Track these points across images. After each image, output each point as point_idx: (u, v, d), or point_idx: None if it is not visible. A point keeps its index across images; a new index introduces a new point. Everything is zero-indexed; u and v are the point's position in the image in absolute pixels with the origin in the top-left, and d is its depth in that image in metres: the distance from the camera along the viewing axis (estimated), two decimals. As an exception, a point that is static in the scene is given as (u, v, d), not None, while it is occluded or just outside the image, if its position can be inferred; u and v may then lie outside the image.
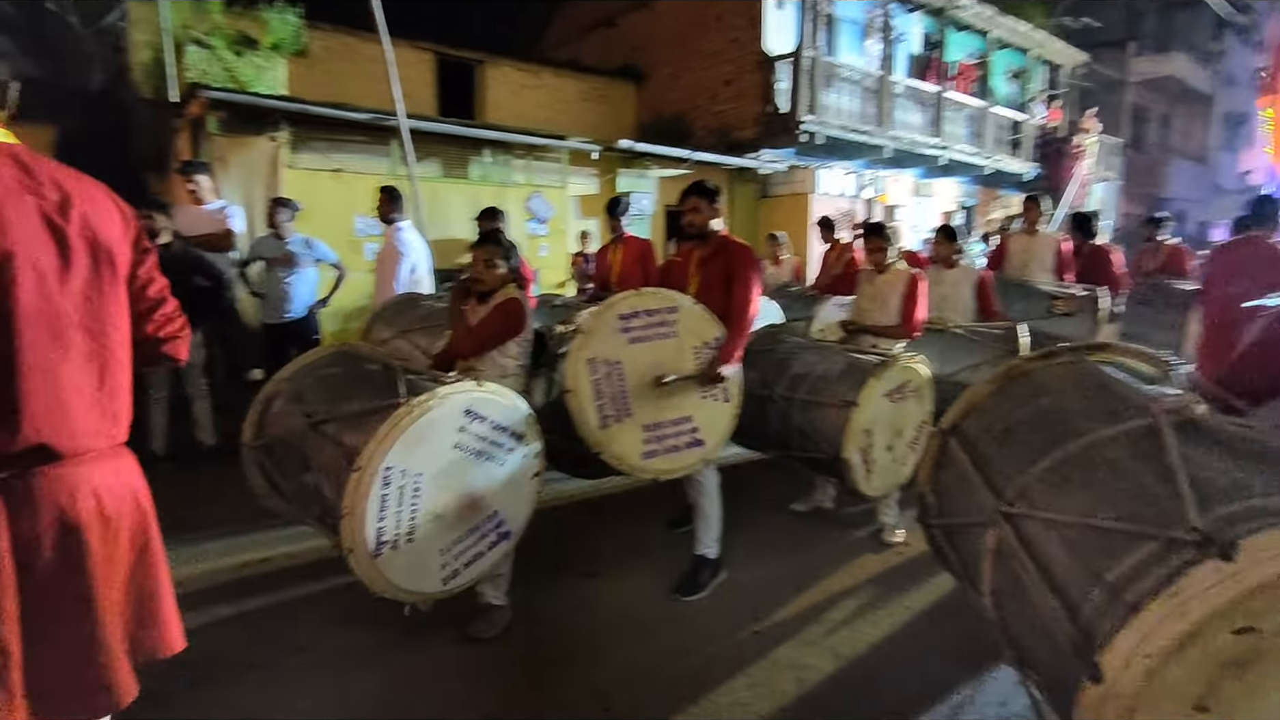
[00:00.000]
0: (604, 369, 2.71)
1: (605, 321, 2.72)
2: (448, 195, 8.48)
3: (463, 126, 8.76)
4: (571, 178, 9.94)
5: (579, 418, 2.66)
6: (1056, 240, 5.75)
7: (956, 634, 2.66)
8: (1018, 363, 1.87)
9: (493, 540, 2.51)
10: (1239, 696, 1.08)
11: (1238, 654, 1.06)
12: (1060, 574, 1.34)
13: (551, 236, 9.71)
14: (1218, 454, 1.33)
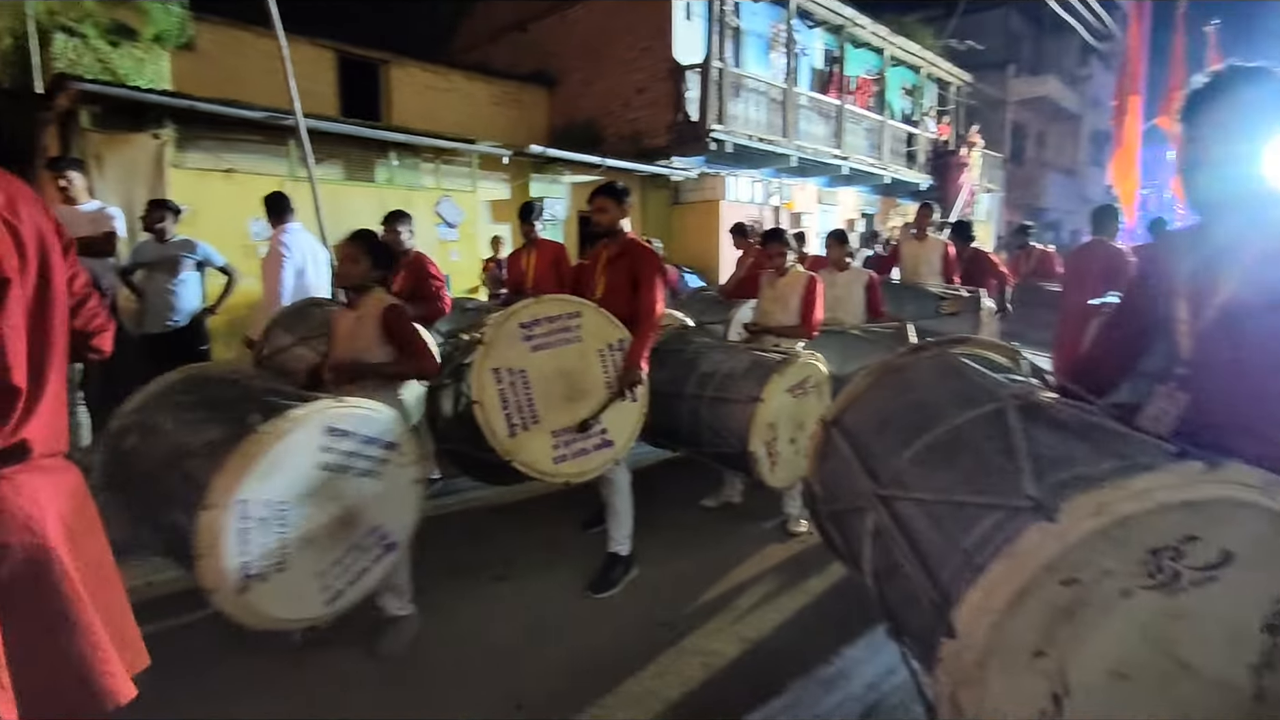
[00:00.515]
0: (509, 378, 2.73)
1: (506, 331, 2.73)
2: (351, 199, 8.20)
3: (367, 128, 8.50)
4: (482, 182, 9.82)
5: (487, 427, 2.67)
6: (944, 245, 6.19)
7: (853, 613, 2.82)
8: (891, 358, 2.01)
9: (377, 554, 2.43)
10: (1069, 640, 1.22)
11: (1065, 603, 1.20)
12: (927, 547, 1.46)
13: (462, 241, 9.56)
14: (1053, 432, 1.49)
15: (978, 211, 17.80)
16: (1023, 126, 23.08)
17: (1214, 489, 1.19)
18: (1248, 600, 1.26)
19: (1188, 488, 1.18)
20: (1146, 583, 1.20)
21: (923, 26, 18.11)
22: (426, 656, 2.59)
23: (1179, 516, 1.19)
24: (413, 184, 9.09)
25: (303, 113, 5.54)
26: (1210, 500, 1.19)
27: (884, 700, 2.32)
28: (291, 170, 7.80)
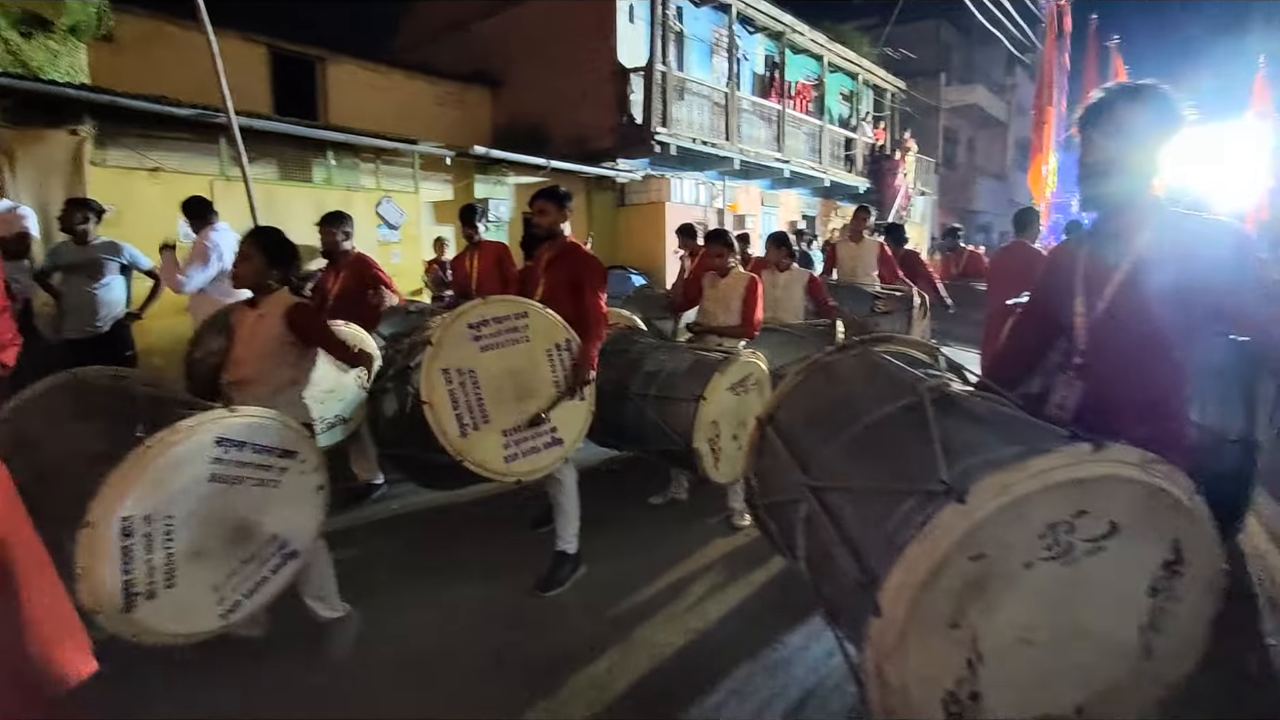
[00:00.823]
0: (458, 378, 2.73)
1: (455, 331, 2.74)
2: (288, 199, 7.97)
3: (304, 127, 8.27)
4: (425, 183, 9.69)
5: (438, 428, 2.66)
6: (879, 246, 6.43)
7: (794, 601, 2.92)
8: (818, 356, 2.12)
9: (277, 563, 2.38)
10: (980, 610, 1.32)
11: (975, 577, 1.31)
12: (853, 532, 1.55)
13: (405, 243, 9.40)
14: (965, 421, 1.61)
15: (913, 214, 18.50)
16: (954, 132, 24.07)
17: (1100, 468, 1.31)
18: (1134, 567, 1.39)
19: (1078, 467, 1.30)
20: (1045, 555, 1.31)
21: (859, 35, 18.70)
22: (373, 658, 2.58)
23: (1071, 493, 1.31)
24: (352, 184, 8.89)
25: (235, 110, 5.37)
26: (1097, 478, 1.31)
27: (823, 683, 2.42)
28: (223, 169, 7.54)
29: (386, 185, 9.23)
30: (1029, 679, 1.37)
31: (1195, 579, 1.43)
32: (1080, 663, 1.40)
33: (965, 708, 1.34)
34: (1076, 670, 1.40)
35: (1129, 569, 1.39)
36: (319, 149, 8.47)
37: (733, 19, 13.09)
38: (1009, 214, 5.64)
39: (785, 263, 4.75)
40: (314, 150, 8.44)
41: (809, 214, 16.84)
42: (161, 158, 7.12)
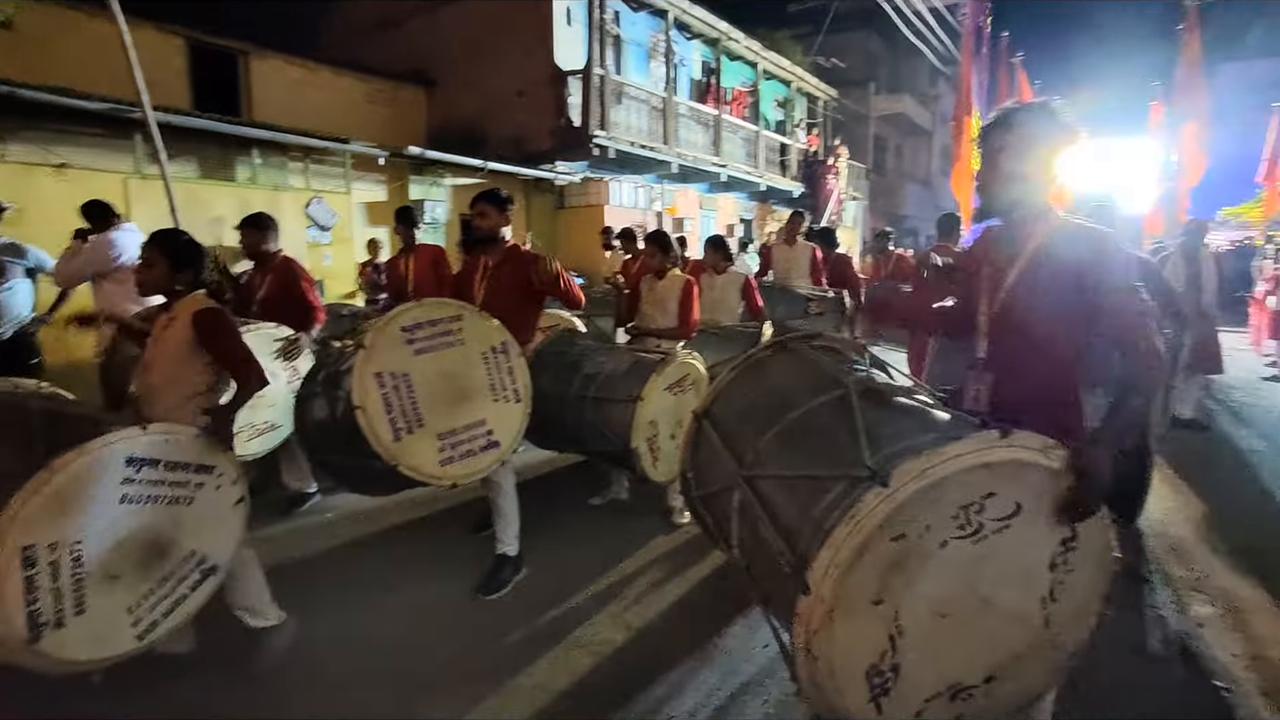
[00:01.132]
0: (392, 381, 2.69)
1: (388, 335, 2.70)
2: (210, 198, 7.65)
3: (227, 123, 7.93)
4: (357, 183, 9.44)
5: (371, 433, 2.61)
6: (812, 249, 6.63)
7: (733, 595, 3.00)
8: (754, 352, 2.21)
9: (196, 580, 2.30)
10: (900, 587, 1.42)
11: (896, 556, 1.39)
12: (784, 518, 1.63)
13: (337, 245, 9.14)
14: (888, 412, 1.71)
15: (845, 218, 19.11)
16: (883, 140, 25.01)
17: (1006, 453, 1.42)
18: (1036, 543, 1.51)
19: (987, 452, 1.41)
20: (958, 534, 1.41)
21: (792, 43, 19.23)
22: (313, 664, 2.52)
23: (981, 477, 1.41)
24: (280, 184, 8.59)
25: (150, 104, 5.12)
26: (1003, 462, 1.42)
27: (762, 671, 2.50)
28: (137, 167, 7.17)
29: (317, 185, 8.95)
30: (944, 650, 1.47)
31: (1088, 554, 1.56)
32: (990, 633, 1.51)
33: (887, 679, 1.42)
34: (986, 640, 1.51)
35: (1032, 546, 1.51)
36: (243, 147, 8.15)
37: (669, 24, 13.26)
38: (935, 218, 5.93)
39: (723, 265, 4.85)
40: (238, 148, 8.12)
41: (746, 217, 17.18)
42: (69, 154, 6.71)
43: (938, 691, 1.49)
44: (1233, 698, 2.33)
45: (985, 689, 1.53)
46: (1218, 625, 2.79)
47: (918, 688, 1.47)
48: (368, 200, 9.69)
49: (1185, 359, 5.13)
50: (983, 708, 1.53)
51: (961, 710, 1.51)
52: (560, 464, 4.76)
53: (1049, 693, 1.74)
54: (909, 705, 1.47)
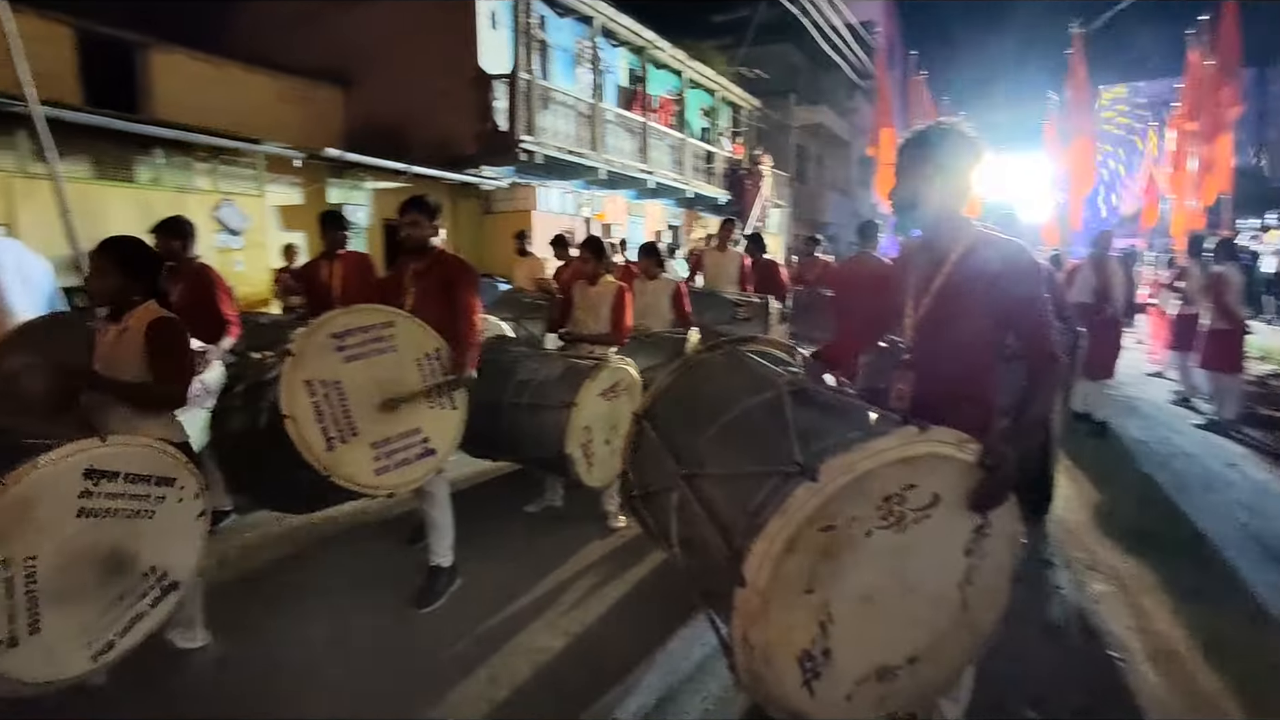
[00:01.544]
0: (323, 390, 2.60)
1: (316, 342, 2.61)
2: (107, 200, 7.16)
3: (125, 120, 7.43)
4: (271, 186, 9.03)
5: (302, 443, 2.51)
6: (740, 256, 6.81)
7: (670, 595, 3.05)
8: (691, 355, 2.27)
9: (156, 596, 2.21)
10: (830, 576, 1.49)
11: (826, 546, 1.47)
12: (721, 514, 1.68)
13: (249, 250, 8.72)
14: (818, 411, 1.79)
15: (770, 225, 19.67)
16: (805, 149, 25.88)
17: (925, 447, 1.51)
18: (953, 531, 1.62)
19: (907, 447, 1.50)
20: (882, 524, 1.50)
21: (717, 53, 19.66)
22: (242, 687, 2.42)
23: (902, 470, 1.50)
24: (185, 185, 8.12)
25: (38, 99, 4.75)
26: (922, 455, 1.51)
27: (699, 668, 2.55)
28: (21, 165, 6.63)
29: (226, 187, 8.51)
30: (871, 634, 1.55)
31: (999, 539, 1.68)
32: (912, 616, 1.60)
33: (819, 664, 1.49)
34: (909, 623, 1.60)
35: (949, 533, 1.61)
36: (144, 146, 7.67)
37: (596, 31, 13.33)
38: (853, 225, 6.20)
39: (654, 271, 4.92)
40: (138, 147, 7.63)
41: (673, 224, 17.43)
42: (-59, 150, 6.15)
43: (865, 674, 1.58)
44: (1124, 664, 2.55)
45: (909, 669, 1.62)
46: (1111, 600, 3.04)
47: (847, 671, 1.55)
48: (282, 203, 9.28)
49: (1081, 360, 5.55)
50: (907, 687, 1.63)
51: (888, 690, 1.60)
52: (493, 473, 4.70)
53: (968, 669, 1.86)
54: (839, 688, 1.54)
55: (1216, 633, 2.74)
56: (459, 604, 3.03)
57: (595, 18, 13.19)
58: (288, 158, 8.91)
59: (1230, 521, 3.95)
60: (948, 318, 1.81)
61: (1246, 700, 2.32)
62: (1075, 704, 2.33)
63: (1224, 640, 2.69)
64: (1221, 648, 2.63)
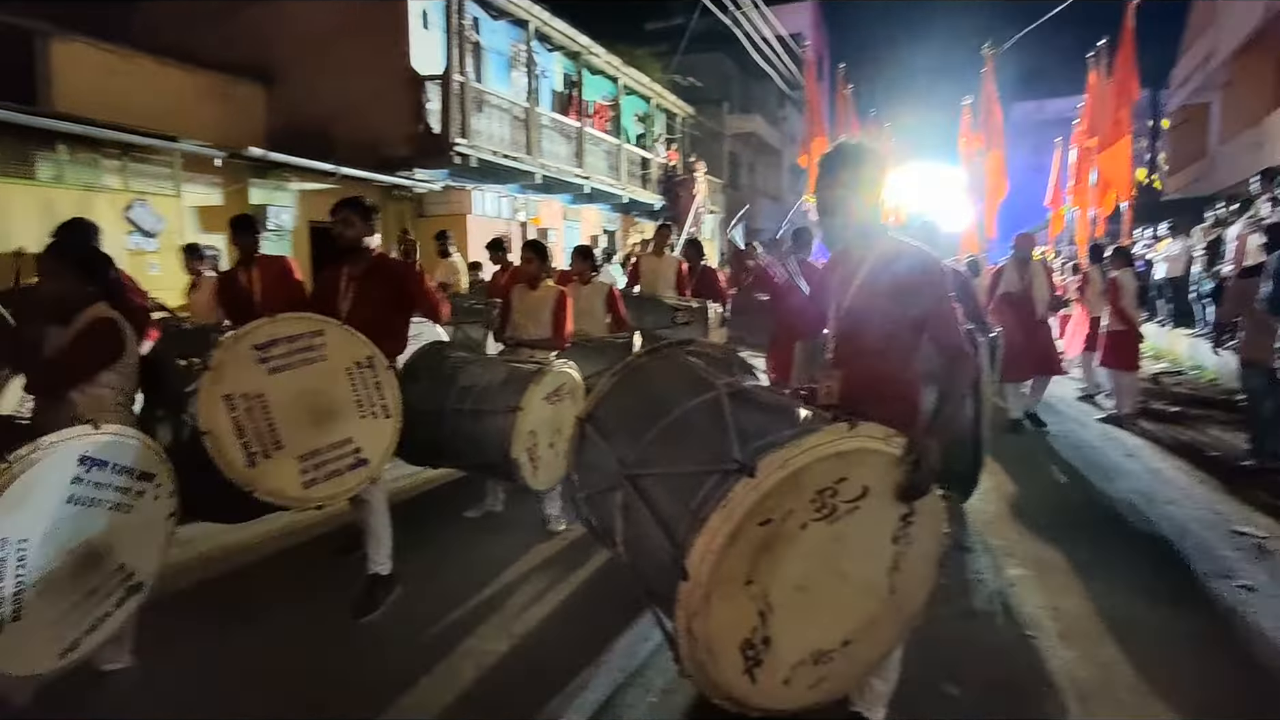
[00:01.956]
0: (244, 404, 2.52)
1: (238, 354, 2.53)
2: (6, 198, 6.69)
3: (23, 113, 6.94)
4: (188, 185, 8.60)
5: (221, 459, 2.45)
6: (678, 261, 6.91)
7: (615, 593, 3.09)
8: (632, 359, 2.33)
9: (121, 597, 2.19)
10: (769, 568, 1.57)
11: (763, 538, 1.54)
12: (665, 512, 1.73)
13: (164, 253, 8.26)
14: (755, 411, 1.86)
15: (704, 231, 19.99)
16: (737, 157, 26.45)
17: (854, 442, 1.61)
18: (881, 521, 1.72)
19: (838, 442, 1.59)
20: (816, 516, 1.58)
21: (651, 60, 19.89)
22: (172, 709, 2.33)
23: (834, 464, 1.59)
24: (92, 184, 7.64)
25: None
26: (852, 450, 1.61)
27: (643, 664, 2.58)
28: (-96, 159, 6.11)
29: (139, 187, 8.05)
30: (808, 621, 1.64)
31: (924, 527, 1.80)
32: (846, 603, 1.70)
33: (759, 651, 1.57)
34: (842, 609, 1.70)
35: (878, 523, 1.71)
36: (45, 141, 7.18)
37: (530, 35, 13.27)
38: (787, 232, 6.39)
39: (588, 275, 4.95)
40: (38, 142, 7.14)
41: (609, 229, 17.50)
42: None
43: (803, 658, 1.66)
44: (1037, 641, 2.74)
45: (843, 652, 1.72)
46: (1025, 583, 3.26)
47: (785, 656, 1.62)
48: (201, 204, 8.85)
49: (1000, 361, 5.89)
50: (841, 668, 1.72)
51: (824, 673, 1.69)
52: (432, 480, 4.63)
53: (896, 650, 1.97)
54: (778, 673, 1.62)
55: (1119, 609, 2.98)
56: (400, 612, 2.98)
57: (530, 21, 13.13)
58: (207, 156, 8.51)
59: (1129, 507, 4.29)
60: (866, 320, 1.93)
61: (1145, 670, 2.54)
62: (993, 679, 2.49)
63: (1126, 616, 2.92)
64: (1123, 623, 2.87)
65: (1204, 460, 5.20)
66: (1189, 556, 3.55)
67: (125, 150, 7.85)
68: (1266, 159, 12.53)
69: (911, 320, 1.90)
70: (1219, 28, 17.17)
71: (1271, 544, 3.65)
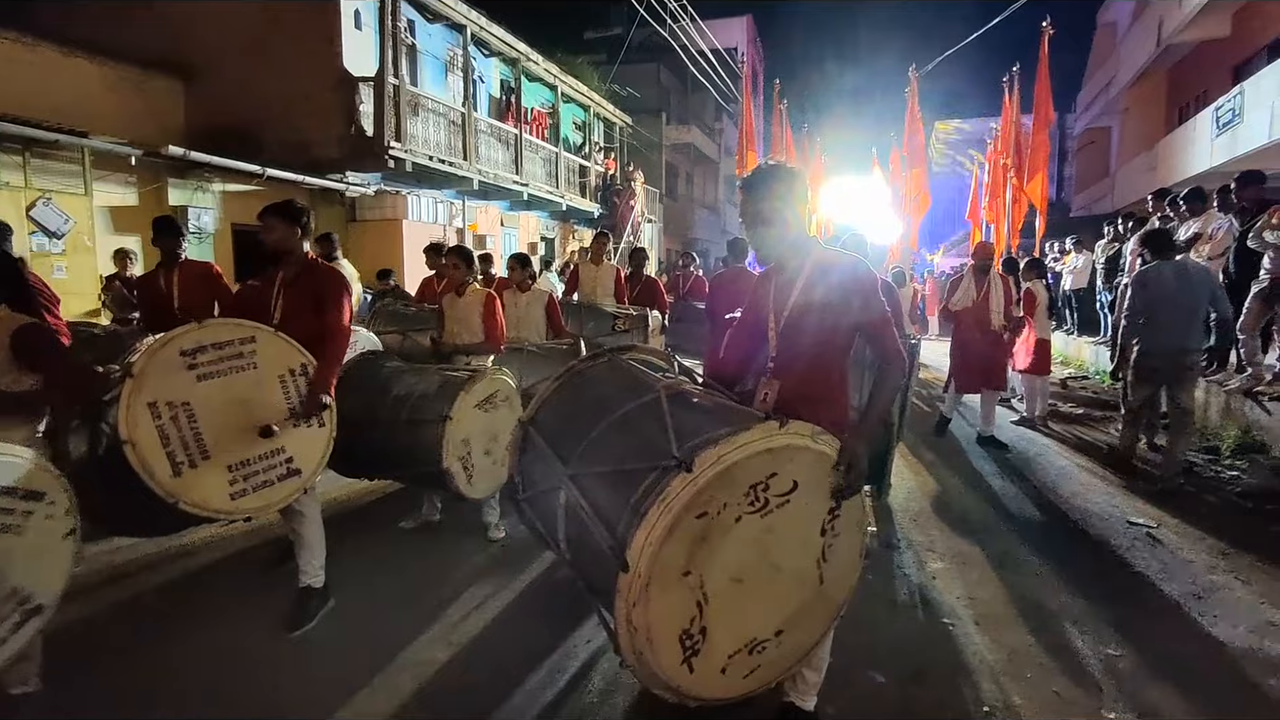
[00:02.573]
0: (169, 412, 2.44)
1: (163, 360, 2.44)
2: (-113, 194, 6.15)
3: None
4: (100, 184, 8.13)
5: (144, 469, 2.36)
6: (616, 269, 6.98)
7: (553, 599, 3.11)
8: (575, 364, 2.36)
9: (16, 621, 2.05)
10: (706, 559, 1.63)
11: (700, 531, 1.61)
12: (606, 509, 1.78)
13: (72, 254, 7.79)
14: (692, 411, 1.93)
15: (642, 239, 20.19)
16: (675, 167, 26.83)
17: (784, 439, 1.70)
18: (810, 514, 1.81)
19: (769, 439, 1.67)
20: (749, 509, 1.66)
21: (590, 69, 19.98)
22: None
23: (766, 460, 1.67)
24: (-10, 180, 7.13)
25: None
26: (782, 447, 1.69)
27: (584, 665, 2.61)
28: None
29: (43, 184, 7.56)
30: (743, 611, 1.71)
31: (848, 520, 1.90)
32: (778, 593, 1.78)
33: (696, 641, 1.63)
34: (775, 600, 1.78)
35: (807, 516, 1.81)
36: (-64, 133, 6.66)
37: (467, 40, 13.14)
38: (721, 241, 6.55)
39: (527, 283, 4.95)
40: (-72, 134, 6.62)
41: (548, 236, 17.45)
42: None
43: (739, 648, 1.73)
44: (955, 628, 2.91)
45: (776, 641, 1.80)
46: (945, 576, 3.45)
47: (722, 646, 1.69)
48: (113, 204, 8.36)
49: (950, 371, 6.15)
50: (774, 657, 1.80)
51: (758, 662, 1.77)
52: (366, 492, 4.53)
53: (827, 638, 2.06)
54: (715, 662, 1.68)
55: (1028, 597, 3.20)
56: (334, 625, 2.91)
57: (466, 26, 13.01)
58: (122, 154, 8.06)
59: (1039, 503, 4.59)
60: (802, 328, 2.03)
61: (1051, 650, 2.73)
62: (916, 665, 2.63)
63: (1034, 602, 3.14)
64: (1031, 609, 3.08)
65: (1103, 458, 5.61)
66: (1090, 546, 3.83)
67: (28, 145, 7.36)
68: (1159, 180, 13.66)
69: (847, 327, 2.00)
70: (1118, 59, 18.59)
71: (1160, 533, 3.98)
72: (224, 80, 11.04)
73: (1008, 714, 2.33)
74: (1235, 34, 13.98)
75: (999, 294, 6.19)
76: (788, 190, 2.03)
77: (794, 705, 2.14)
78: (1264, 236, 5.26)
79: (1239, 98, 11.99)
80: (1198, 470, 5.20)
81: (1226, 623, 2.96)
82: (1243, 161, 10.75)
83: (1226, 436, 5.60)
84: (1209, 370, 6.37)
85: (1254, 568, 3.50)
